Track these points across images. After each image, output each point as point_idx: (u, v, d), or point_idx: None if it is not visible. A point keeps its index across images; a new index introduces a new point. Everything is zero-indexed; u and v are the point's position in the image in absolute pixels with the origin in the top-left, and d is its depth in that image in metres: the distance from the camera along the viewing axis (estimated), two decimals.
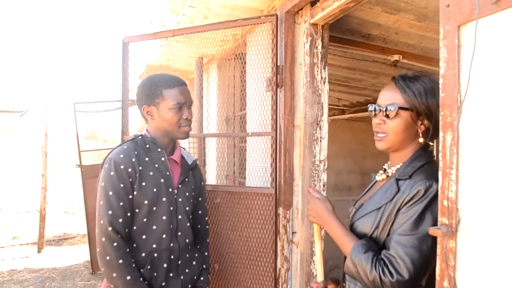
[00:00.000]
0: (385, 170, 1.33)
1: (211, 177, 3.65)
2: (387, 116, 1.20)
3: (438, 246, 1.15)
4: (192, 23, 2.81)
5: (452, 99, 1.11)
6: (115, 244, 1.51)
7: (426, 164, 1.19)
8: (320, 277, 1.37)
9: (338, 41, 2.76)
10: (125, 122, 2.74)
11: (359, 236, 1.22)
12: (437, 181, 1.10)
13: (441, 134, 1.14)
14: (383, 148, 1.24)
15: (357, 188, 5.71)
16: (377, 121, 1.22)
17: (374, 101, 1.27)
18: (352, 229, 1.27)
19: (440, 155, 1.14)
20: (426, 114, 1.18)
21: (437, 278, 1.17)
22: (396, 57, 3.13)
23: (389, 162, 1.33)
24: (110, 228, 1.51)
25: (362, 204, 1.31)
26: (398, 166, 1.24)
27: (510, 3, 0.88)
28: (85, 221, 5.02)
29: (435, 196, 1.11)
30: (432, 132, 1.21)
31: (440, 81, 1.14)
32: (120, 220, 1.54)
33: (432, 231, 1.12)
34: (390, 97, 1.20)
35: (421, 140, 1.21)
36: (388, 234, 1.15)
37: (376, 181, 1.35)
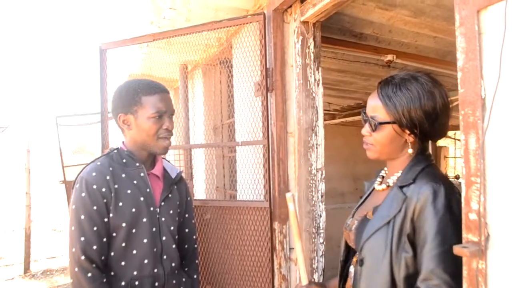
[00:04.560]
0: (383, 177, 1.25)
1: (200, 190, 3.45)
2: (372, 127, 1.14)
3: (465, 267, 0.99)
4: (173, 27, 2.64)
5: (475, 95, 0.95)
6: (89, 274, 1.36)
7: (427, 167, 1.12)
8: (304, 280, 1.31)
9: (328, 42, 2.62)
10: (105, 135, 2.54)
11: (373, 257, 1.10)
12: (444, 182, 1.04)
13: (462, 136, 0.99)
14: (373, 157, 1.20)
15: (350, 193, 5.60)
16: (364, 132, 1.18)
17: (365, 105, 1.19)
18: (361, 251, 1.14)
19: (462, 161, 0.98)
20: (408, 127, 1.10)
21: None
22: (389, 57, 3.00)
23: (385, 169, 1.26)
24: (83, 257, 1.36)
25: (365, 216, 1.20)
26: (398, 174, 1.16)
27: None
28: None
29: (447, 197, 1.04)
30: (421, 143, 1.15)
31: (459, 75, 0.99)
32: (95, 247, 1.39)
33: (458, 250, 0.96)
34: (374, 107, 1.14)
35: (410, 151, 1.14)
36: (411, 244, 1.05)
37: (374, 189, 1.27)
